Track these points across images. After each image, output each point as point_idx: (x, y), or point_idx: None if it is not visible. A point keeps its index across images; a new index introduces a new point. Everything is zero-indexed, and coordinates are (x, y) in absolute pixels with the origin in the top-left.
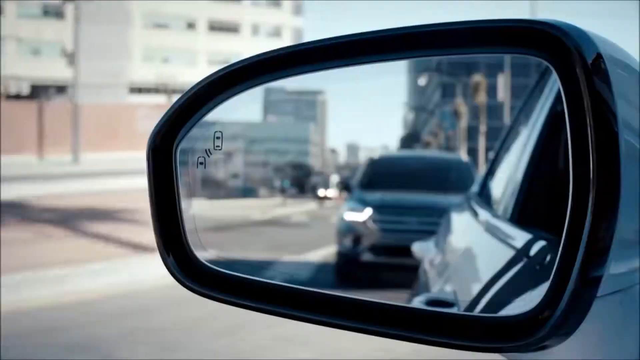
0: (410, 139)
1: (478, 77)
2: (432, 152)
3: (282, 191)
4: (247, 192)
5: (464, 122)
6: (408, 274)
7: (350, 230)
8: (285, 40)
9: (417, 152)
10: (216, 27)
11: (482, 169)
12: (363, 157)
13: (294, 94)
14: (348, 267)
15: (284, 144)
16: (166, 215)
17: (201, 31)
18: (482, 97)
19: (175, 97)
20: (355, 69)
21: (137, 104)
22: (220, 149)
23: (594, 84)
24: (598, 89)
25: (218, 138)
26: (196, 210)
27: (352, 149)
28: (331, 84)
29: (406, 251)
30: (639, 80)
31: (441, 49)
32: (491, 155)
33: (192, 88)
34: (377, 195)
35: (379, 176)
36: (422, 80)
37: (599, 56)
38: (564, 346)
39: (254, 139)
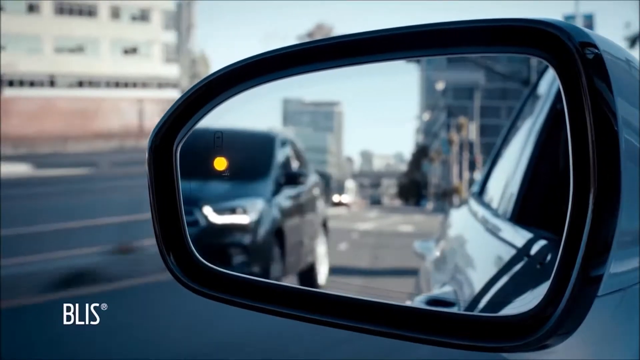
0: (420, 154)
1: (462, 120)
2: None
3: None
4: None
5: (456, 148)
6: None
7: None
8: (155, 25)
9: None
10: (66, 9)
11: (465, 185)
12: (377, 165)
13: (311, 105)
14: None
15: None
16: (166, 215)
17: (46, 14)
18: (464, 133)
19: (10, 90)
20: (371, 80)
21: None
22: (220, 149)
23: (593, 82)
24: (598, 87)
25: (218, 138)
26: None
27: (366, 156)
28: (347, 95)
29: None
30: (638, 79)
31: (440, 49)
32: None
33: (192, 88)
34: None
35: None
36: (425, 116)
37: (598, 55)
38: (564, 346)
39: None
